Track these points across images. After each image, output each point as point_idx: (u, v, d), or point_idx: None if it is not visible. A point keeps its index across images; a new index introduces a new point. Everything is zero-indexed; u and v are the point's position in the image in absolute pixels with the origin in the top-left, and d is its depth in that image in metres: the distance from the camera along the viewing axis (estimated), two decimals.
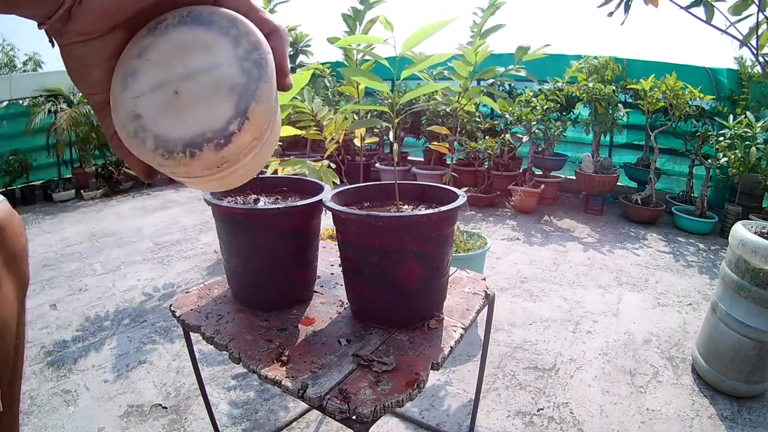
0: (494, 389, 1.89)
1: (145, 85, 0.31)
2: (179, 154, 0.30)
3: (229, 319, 1.06)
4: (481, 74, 2.12)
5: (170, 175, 0.33)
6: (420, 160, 6.06)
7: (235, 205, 1.06)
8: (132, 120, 0.31)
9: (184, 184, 0.37)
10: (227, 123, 0.30)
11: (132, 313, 2.54)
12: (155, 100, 0.30)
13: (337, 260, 1.33)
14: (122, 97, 0.31)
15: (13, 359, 0.56)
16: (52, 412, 1.75)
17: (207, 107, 0.30)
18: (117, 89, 0.31)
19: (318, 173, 2.17)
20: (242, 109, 0.30)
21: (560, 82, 4.45)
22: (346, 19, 2.12)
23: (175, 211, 4.63)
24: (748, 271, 1.69)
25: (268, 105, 0.31)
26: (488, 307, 1.20)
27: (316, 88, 4.12)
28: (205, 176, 0.32)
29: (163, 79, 0.31)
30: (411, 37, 0.84)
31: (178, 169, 0.31)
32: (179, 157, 0.30)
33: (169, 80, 0.31)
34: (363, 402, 0.76)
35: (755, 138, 3.31)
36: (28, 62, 9.54)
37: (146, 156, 0.31)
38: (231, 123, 0.30)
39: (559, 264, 3.22)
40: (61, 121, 4.78)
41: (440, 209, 0.92)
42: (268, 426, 1.67)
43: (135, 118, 0.30)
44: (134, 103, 0.31)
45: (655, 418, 1.72)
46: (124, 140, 0.31)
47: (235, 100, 0.30)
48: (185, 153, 0.30)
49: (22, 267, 0.59)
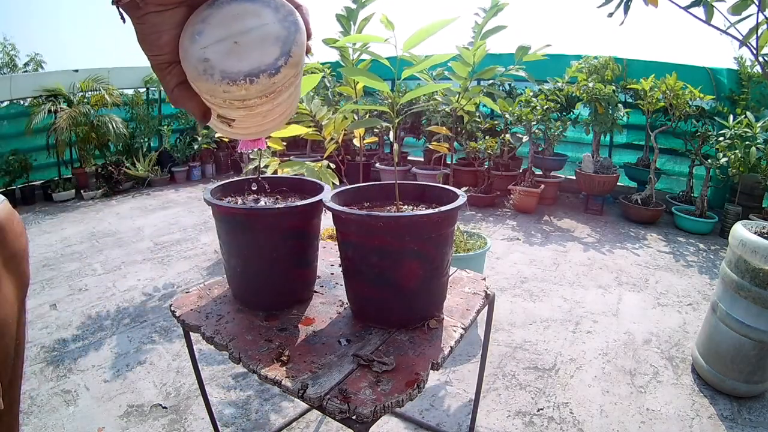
0: (494, 389, 1.89)
1: (210, 40, 0.40)
2: (241, 81, 0.39)
3: (229, 319, 1.06)
4: (480, 74, 2.12)
5: (225, 109, 0.42)
6: (420, 160, 6.06)
7: (235, 205, 1.06)
8: (201, 62, 0.40)
9: (230, 125, 0.47)
10: (276, 60, 0.40)
11: (132, 313, 2.54)
12: (219, 48, 0.40)
13: (337, 260, 1.33)
14: (192, 49, 0.40)
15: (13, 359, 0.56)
16: (52, 412, 1.75)
17: (260, 51, 0.40)
18: (186, 43, 0.40)
19: (317, 174, 2.17)
20: (286, 51, 0.41)
21: (560, 82, 4.45)
22: (340, 19, 2.11)
23: (175, 211, 4.63)
24: (748, 271, 1.69)
25: (302, 50, 0.42)
26: (488, 307, 1.20)
27: (316, 88, 4.12)
28: (256, 106, 0.42)
29: (224, 35, 0.41)
30: (412, 36, 0.84)
31: (239, 93, 0.40)
32: (241, 82, 0.39)
33: (229, 35, 0.41)
34: (363, 402, 0.76)
35: (755, 138, 3.31)
36: (30, 63, 9.55)
37: (213, 87, 0.39)
38: (279, 60, 0.40)
39: (559, 264, 3.22)
40: (61, 121, 4.78)
41: (440, 209, 0.92)
42: (268, 426, 1.67)
43: (204, 61, 0.40)
44: (203, 52, 0.40)
45: (655, 418, 1.72)
46: (195, 78, 0.40)
47: (280, 46, 0.41)
48: (246, 80, 0.39)
49: (22, 266, 0.59)
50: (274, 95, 0.42)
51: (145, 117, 5.84)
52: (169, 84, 0.43)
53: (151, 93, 6.11)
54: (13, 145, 5.02)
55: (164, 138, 5.96)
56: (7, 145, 5.00)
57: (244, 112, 0.44)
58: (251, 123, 0.48)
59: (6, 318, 0.53)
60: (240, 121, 0.47)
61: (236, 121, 0.47)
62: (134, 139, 5.78)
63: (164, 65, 0.43)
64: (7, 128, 5.07)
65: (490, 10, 2.01)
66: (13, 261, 0.57)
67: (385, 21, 1.06)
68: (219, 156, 6.40)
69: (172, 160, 5.97)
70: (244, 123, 0.48)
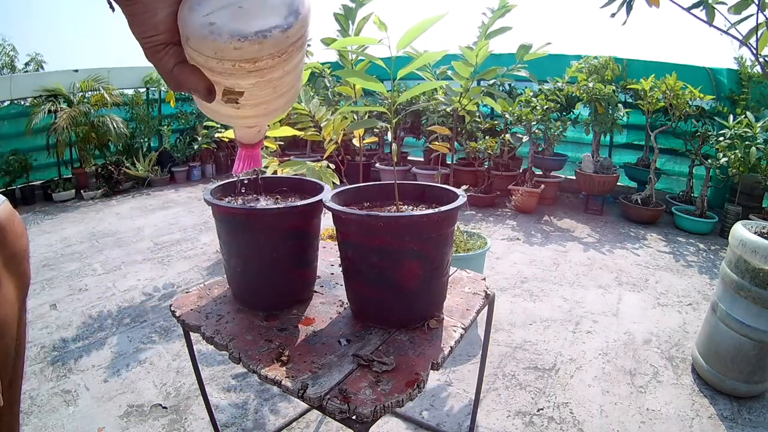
0: (494, 389, 1.89)
1: (213, 7, 0.39)
2: (252, 36, 0.38)
3: (229, 319, 1.06)
4: (482, 74, 2.11)
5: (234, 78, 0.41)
6: (420, 160, 6.06)
7: (235, 205, 1.06)
8: (206, 27, 0.38)
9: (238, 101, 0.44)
10: (286, 18, 0.40)
11: (132, 313, 2.54)
12: (224, 14, 0.39)
13: (337, 260, 1.33)
14: (194, 17, 0.38)
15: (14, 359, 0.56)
16: (52, 412, 1.75)
17: (267, 12, 0.39)
18: (186, 13, 0.39)
19: (318, 174, 2.17)
20: (294, 9, 0.40)
21: (560, 82, 4.45)
22: (338, 18, 2.10)
23: (175, 211, 4.63)
24: (748, 271, 1.69)
25: (308, 11, 0.41)
26: (488, 307, 1.20)
27: (315, 88, 4.12)
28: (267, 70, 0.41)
29: (226, 2, 0.39)
30: (404, 36, 0.84)
31: (251, 49, 0.38)
32: (253, 38, 0.38)
33: (232, 2, 0.39)
34: (363, 402, 0.76)
35: (755, 138, 3.31)
36: (30, 62, 9.54)
37: (221, 47, 0.38)
38: (288, 17, 0.40)
39: (559, 264, 3.22)
40: (61, 121, 4.77)
41: (440, 209, 0.92)
42: (267, 426, 1.67)
43: (209, 25, 0.38)
44: (206, 18, 0.38)
45: (655, 418, 1.72)
46: (200, 42, 0.38)
47: (287, 6, 0.40)
48: (257, 36, 0.38)
49: (23, 267, 0.59)
50: (286, 57, 0.41)
51: (145, 117, 5.84)
52: (167, 65, 0.41)
53: (151, 93, 6.11)
54: (13, 145, 5.01)
55: (164, 138, 5.96)
56: (7, 145, 5.00)
57: (254, 79, 0.42)
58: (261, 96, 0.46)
59: (6, 318, 0.53)
60: (249, 94, 0.45)
61: (245, 96, 0.45)
62: (134, 139, 5.78)
63: (160, 47, 0.40)
64: (7, 128, 5.07)
65: (497, 11, 1.99)
66: (13, 261, 0.57)
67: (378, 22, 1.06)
68: (219, 156, 6.40)
69: (172, 160, 5.97)
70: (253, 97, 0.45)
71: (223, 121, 0.55)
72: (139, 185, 5.67)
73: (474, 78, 2.09)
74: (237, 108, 0.47)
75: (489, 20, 2.02)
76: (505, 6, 1.97)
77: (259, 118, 0.52)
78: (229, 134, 1.47)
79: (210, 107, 0.50)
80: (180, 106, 6.15)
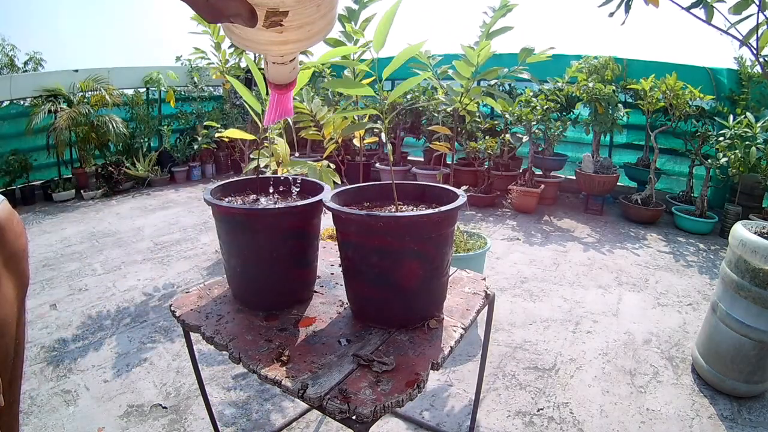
0: (494, 389, 1.88)
1: None
2: None
3: (229, 319, 1.06)
4: (483, 74, 2.11)
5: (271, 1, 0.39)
6: (420, 160, 6.06)
7: (235, 205, 1.06)
8: None
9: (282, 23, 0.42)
10: None
11: (132, 312, 2.54)
12: None
13: (337, 260, 1.33)
14: None
15: (13, 359, 0.56)
16: (52, 412, 1.75)
17: None
18: None
19: (318, 173, 2.17)
20: None
21: (560, 82, 4.45)
22: (341, 19, 2.10)
23: (175, 211, 4.63)
24: (748, 271, 1.69)
25: None
26: (488, 307, 1.20)
27: (316, 88, 4.12)
28: None
29: None
30: (376, 35, 0.83)
31: None
32: None
33: None
34: (363, 402, 0.76)
35: (755, 138, 3.31)
36: (29, 61, 9.54)
37: None
38: None
39: (559, 264, 3.22)
40: (61, 121, 4.77)
41: (440, 209, 0.92)
42: (268, 426, 1.67)
43: None
44: None
45: (655, 418, 1.72)
46: None
47: None
48: None
49: (22, 266, 0.59)
50: None
51: (145, 117, 5.84)
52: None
53: (151, 93, 6.11)
54: (13, 145, 5.01)
55: (164, 138, 5.96)
56: (7, 145, 4.99)
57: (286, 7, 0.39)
58: (305, 15, 0.42)
59: (6, 318, 0.53)
60: (293, 14, 0.41)
61: (288, 17, 0.41)
62: (134, 139, 5.78)
63: None
64: (7, 128, 5.06)
65: (498, 10, 1.98)
66: (12, 261, 0.57)
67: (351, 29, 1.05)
68: (219, 156, 6.40)
69: (172, 160, 5.97)
70: (297, 17, 0.42)
71: (260, 51, 0.50)
72: (139, 185, 5.67)
73: (475, 78, 2.09)
74: (280, 32, 0.43)
75: (490, 20, 2.02)
76: (506, 5, 1.97)
77: (301, 42, 0.48)
78: (229, 134, 1.46)
79: (248, 36, 0.46)
80: (180, 106, 6.15)
